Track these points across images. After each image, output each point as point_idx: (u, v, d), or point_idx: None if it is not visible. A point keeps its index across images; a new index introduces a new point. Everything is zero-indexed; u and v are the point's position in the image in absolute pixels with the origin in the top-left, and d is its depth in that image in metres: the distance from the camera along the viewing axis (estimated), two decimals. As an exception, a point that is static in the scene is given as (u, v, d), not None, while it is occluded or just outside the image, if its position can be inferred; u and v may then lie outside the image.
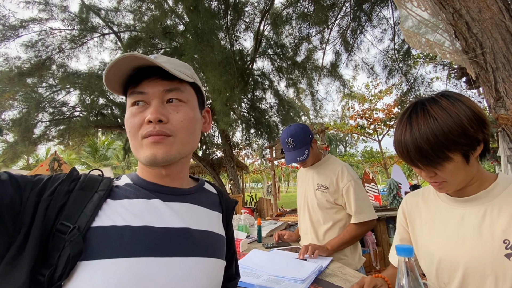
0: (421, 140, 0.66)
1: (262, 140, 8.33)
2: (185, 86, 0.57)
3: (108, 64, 0.49)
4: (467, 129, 0.65)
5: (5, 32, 5.90)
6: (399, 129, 0.72)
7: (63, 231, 0.43)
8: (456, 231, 0.74)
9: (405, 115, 0.73)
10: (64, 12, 6.21)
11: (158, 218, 0.52)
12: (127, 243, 0.45)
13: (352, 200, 1.45)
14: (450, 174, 0.69)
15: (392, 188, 3.96)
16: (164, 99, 0.54)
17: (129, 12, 6.53)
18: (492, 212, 0.69)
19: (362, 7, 5.17)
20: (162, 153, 0.51)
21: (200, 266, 0.53)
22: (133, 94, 0.53)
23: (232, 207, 0.73)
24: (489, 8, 1.39)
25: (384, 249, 3.28)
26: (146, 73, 0.53)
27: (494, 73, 1.46)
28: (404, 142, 0.70)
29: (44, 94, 6.76)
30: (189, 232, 0.54)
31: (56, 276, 0.40)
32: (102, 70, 6.92)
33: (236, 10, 5.65)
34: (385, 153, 13.02)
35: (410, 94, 5.92)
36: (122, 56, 0.48)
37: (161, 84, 0.53)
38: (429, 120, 0.66)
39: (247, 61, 6.66)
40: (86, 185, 0.50)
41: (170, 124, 0.53)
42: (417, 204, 0.89)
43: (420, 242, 0.84)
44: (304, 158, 1.49)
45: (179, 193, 0.59)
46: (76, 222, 0.44)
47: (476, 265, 0.68)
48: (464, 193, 0.75)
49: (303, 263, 1.24)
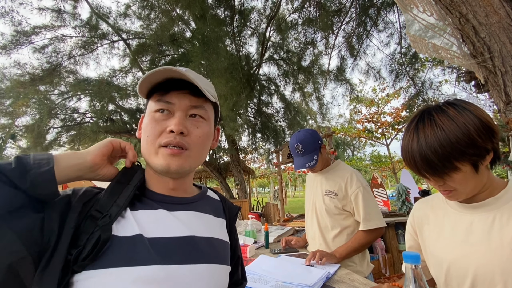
0: (428, 151, 0.66)
1: (269, 145, 8.33)
2: (208, 104, 0.61)
3: (148, 73, 0.53)
4: (475, 140, 0.64)
5: (18, 38, 6.10)
6: (406, 139, 0.72)
7: (96, 216, 0.48)
8: (465, 238, 0.73)
9: (411, 124, 0.72)
10: (75, 20, 6.40)
11: (164, 227, 0.53)
12: (138, 252, 0.47)
13: (360, 207, 1.44)
14: (459, 183, 0.68)
15: (401, 193, 3.89)
16: (188, 113, 0.57)
17: (137, 19, 6.69)
18: (501, 219, 0.68)
19: (368, 12, 5.17)
20: (176, 165, 0.54)
21: (206, 272, 0.54)
22: (160, 101, 0.56)
23: (235, 213, 0.74)
24: (496, 12, 1.39)
25: (393, 256, 3.22)
26: (176, 85, 0.56)
27: (503, 77, 1.44)
28: (411, 152, 0.69)
29: (56, 101, 6.95)
30: (194, 240, 0.56)
31: (82, 257, 0.43)
32: (111, 76, 7.09)
33: (243, 16, 5.73)
34: (394, 157, 12.83)
35: (418, 97, 5.85)
36: (163, 69, 0.53)
37: (188, 99, 0.57)
38: (436, 130, 0.66)
39: (253, 67, 6.71)
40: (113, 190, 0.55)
41: (189, 137, 0.56)
42: (425, 211, 0.88)
43: (429, 248, 0.83)
44: (313, 164, 1.49)
45: (183, 202, 0.60)
46: (108, 211, 0.49)
47: (485, 272, 0.67)
48: (474, 199, 0.74)
49: (311, 269, 1.24)
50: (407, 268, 0.53)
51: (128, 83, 7.37)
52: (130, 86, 7.23)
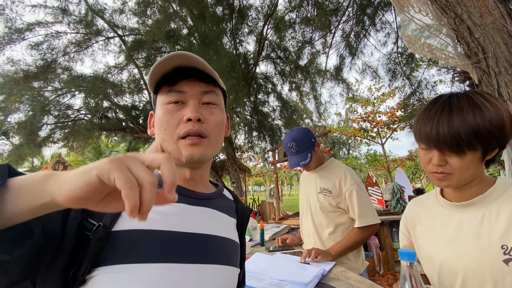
0: (460, 124, 0.65)
1: (265, 143, 8.34)
2: (218, 90, 0.59)
3: (158, 61, 0.50)
4: (504, 126, 0.65)
5: (11, 35, 6.00)
6: (433, 111, 0.70)
7: (89, 228, 0.43)
8: (455, 237, 0.74)
9: (441, 100, 0.71)
10: (69, 16, 6.31)
11: (181, 222, 0.51)
12: (151, 248, 0.45)
13: (355, 204, 1.45)
14: (461, 168, 0.67)
15: (396, 192, 3.94)
16: (201, 100, 0.55)
17: (133, 15, 6.62)
18: (490, 217, 0.69)
19: (365, 11, 5.19)
20: (199, 153, 0.53)
21: (217, 274, 0.53)
22: (172, 92, 0.54)
23: (247, 215, 0.73)
24: (491, 13, 1.40)
25: (388, 253, 3.25)
26: (184, 74, 0.54)
27: (497, 77, 1.46)
28: (438, 122, 0.68)
29: (50, 97, 6.85)
30: (209, 239, 0.54)
31: (79, 274, 0.41)
32: (106, 73, 7.00)
33: (241, 14, 5.71)
34: (389, 156, 12.94)
35: (414, 97, 5.90)
36: (174, 54, 0.50)
37: (199, 85, 0.55)
38: (473, 107, 0.65)
39: (251, 65, 6.70)
40: None
41: (206, 124, 0.54)
42: (417, 211, 0.89)
43: (422, 248, 0.84)
44: (307, 162, 1.50)
45: (202, 197, 0.59)
46: (101, 220, 0.44)
47: (475, 271, 0.68)
48: (463, 196, 0.74)
49: (306, 267, 1.24)
50: (402, 265, 0.54)
51: (124, 80, 7.29)
52: (125, 82, 7.16)
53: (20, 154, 7.01)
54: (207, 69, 0.53)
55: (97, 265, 0.41)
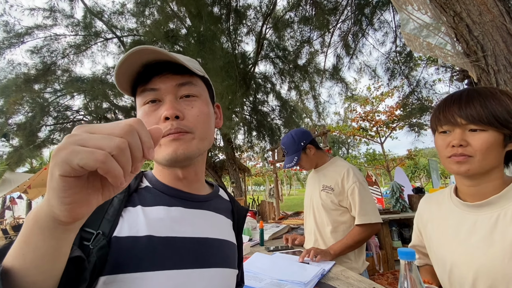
0: (492, 102, 0.67)
1: (264, 143, 8.33)
2: (197, 80, 0.55)
3: (119, 60, 0.46)
4: None
5: (10, 40, 5.99)
6: (457, 96, 0.73)
7: (87, 238, 0.41)
8: (467, 238, 0.72)
9: (464, 90, 0.74)
10: (68, 18, 6.30)
11: (178, 227, 0.50)
12: (150, 256, 0.44)
13: (357, 201, 1.44)
14: (482, 149, 0.67)
15: (395, 191, 3.93)
16: (178, 94, 0.52)
17: (132, 16, 6.60)
18: (504, 218, 0.66)
19: (363, 11, 5.18)
20: (182, 149, 0.49)
21: (217, 277, 0.53)
22: (145, 92, 0.51)
23: (244, 215, 0.72)
24: (490, 11, 1.40)
25: (387, 253, 3.25)
26: (156, 70, 0.51)
27: (496, 76, 1.46)
28: (468, 102, 0.69)
29: (49, 99, 6.84)
30: (208, 242, 0.53)
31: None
32: (105, 74, 6.99)
33: (239, 14, 5.70)
34: (388, 156, 12.95)
35: (413, 96, 5.90)
36: (134, 50, 0.45)
37: (173, 79, 0.51)
38: (502, 92, 0.69)
39: (249, 65, 6.69)
40: None
41: (186, 120, 0.51)
42: (430, 208, 0.87)
43: (433, 247, 0.82)
44: (292, 164, 1.58)
45: (198, 199, 0.57)
46: (99, 228, 0.43)
47: (487, 273, 0.66)
48: (479, 193, 0.72)
49: (306, 267, 1.24)
50: (401, 264, 0.53)
51: (123, 81, 7.26)
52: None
53: (20, 156, 7.00)
54: (178, 60, 0.48)
55: (99, 275, 0.40)
